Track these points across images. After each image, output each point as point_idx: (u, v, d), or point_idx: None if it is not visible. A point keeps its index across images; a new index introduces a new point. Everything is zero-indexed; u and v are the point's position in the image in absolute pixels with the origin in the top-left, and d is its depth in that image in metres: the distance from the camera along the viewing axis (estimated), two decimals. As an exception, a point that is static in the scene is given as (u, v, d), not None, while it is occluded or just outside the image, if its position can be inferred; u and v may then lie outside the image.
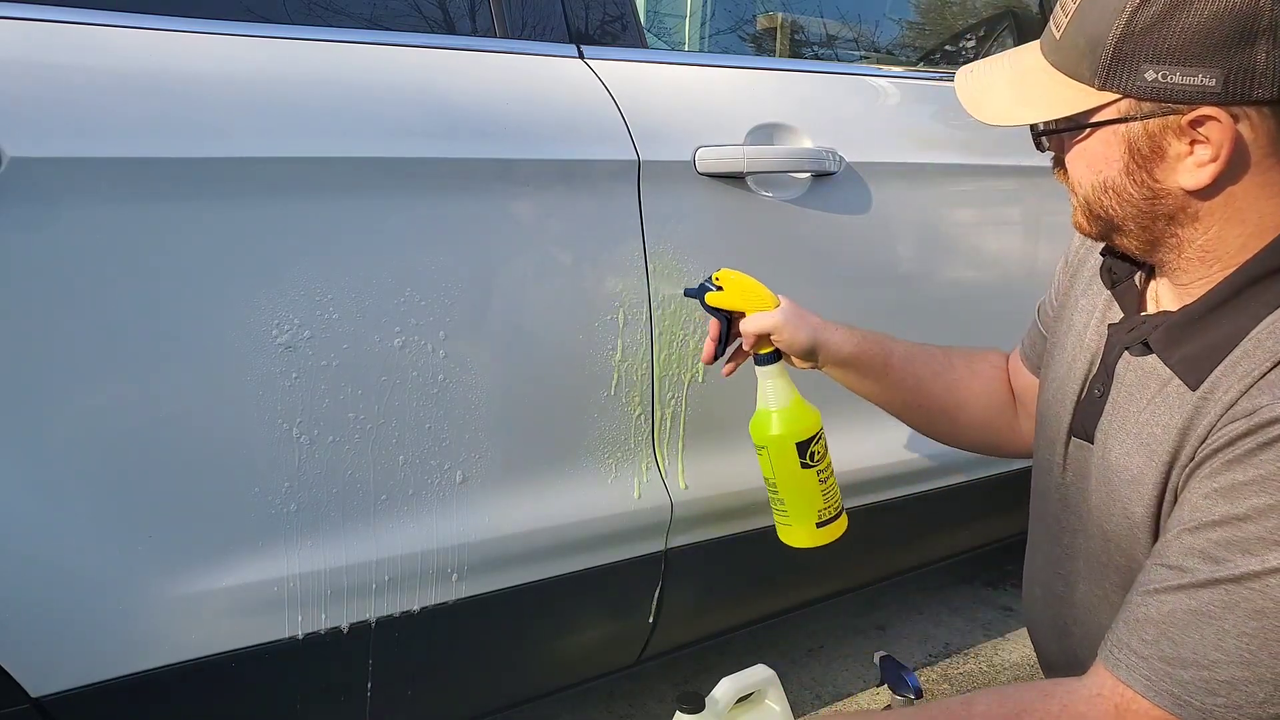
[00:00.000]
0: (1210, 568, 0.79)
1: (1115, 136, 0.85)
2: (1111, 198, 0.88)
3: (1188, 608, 0.80)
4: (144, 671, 1.11)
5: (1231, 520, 0.79)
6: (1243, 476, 0.79)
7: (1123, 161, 0.85)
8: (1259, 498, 0.77)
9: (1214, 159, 0.81)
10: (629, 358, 1.37)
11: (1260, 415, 0.79)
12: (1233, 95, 0.78)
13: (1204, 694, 0.79)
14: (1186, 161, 0.82)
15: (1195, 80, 0.78)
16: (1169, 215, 0.86)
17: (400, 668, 1.30)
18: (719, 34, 1.90)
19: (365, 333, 1.17)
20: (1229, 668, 0.78)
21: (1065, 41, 0.85)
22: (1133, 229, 0.89)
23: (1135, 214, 0.88)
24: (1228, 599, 0.78)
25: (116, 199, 1.03)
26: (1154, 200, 0.86)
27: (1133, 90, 0.81)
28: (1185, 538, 0.82)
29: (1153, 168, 0.84)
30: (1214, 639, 0.78)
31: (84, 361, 1.03)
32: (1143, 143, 0.83)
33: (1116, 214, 0.89)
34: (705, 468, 1.48)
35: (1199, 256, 0.87)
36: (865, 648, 2.19)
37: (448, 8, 1.34)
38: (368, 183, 1.16)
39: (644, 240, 1.36)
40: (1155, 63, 0.79)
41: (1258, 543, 0.77)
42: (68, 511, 1.05)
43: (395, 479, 1.22)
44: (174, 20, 1.11)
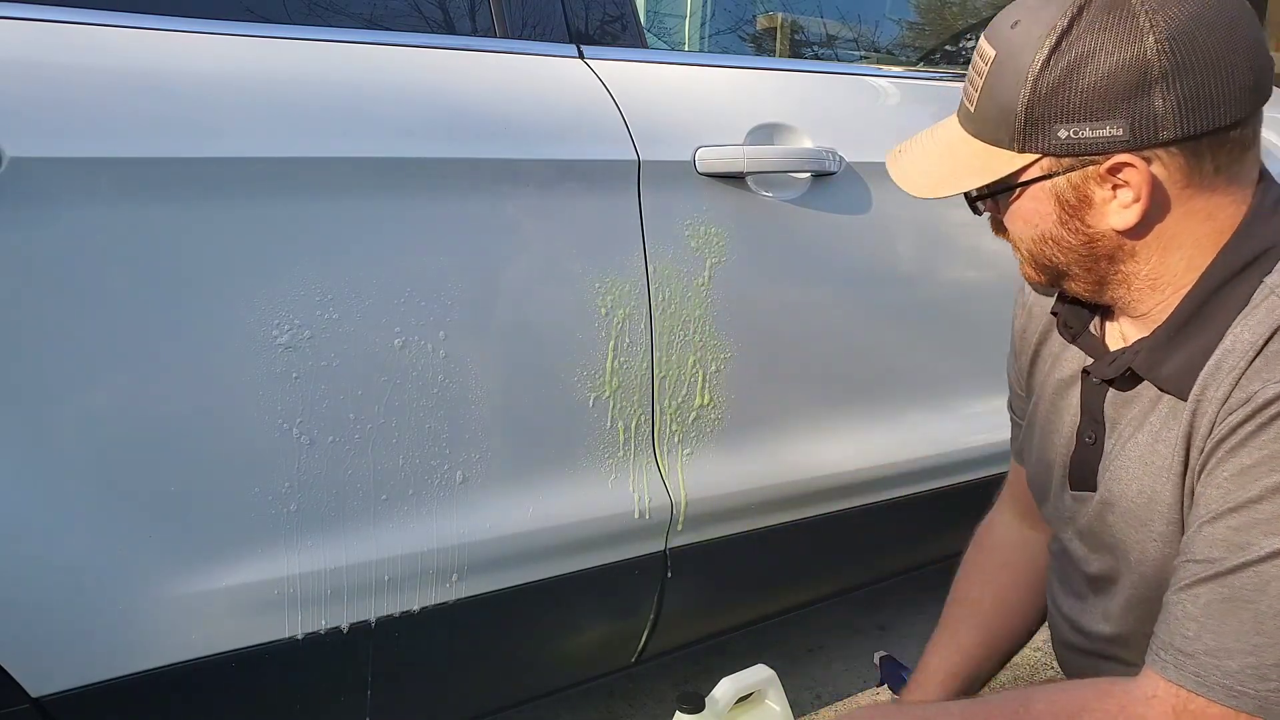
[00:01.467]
0: (1236, 554, 0.81)
1: (1043, 192, 0.90)
2: (1052, 247, 0.93)
3: (1221, 597, 0.81)
4: (144, 671, 1.11)
5: (1247, 504, 0.81)
6: (1249, 460, 0.81)
7: (1055, 214, 0.90)
8: (1270, 477, 0.80)
9: (1136, 199, 0.86)
10: (629, 357, 1.37)
11: (1255, 400, 0.81)
12: (1141, 140, 0.83)
13: (1256, 680, 0.79)
14: (1112, 205, 0.87)
15: (1105, 132, 0.84)
16: (1108, 255, 0.91)
17: (400, 668, 1.30)
18: (719, 34, 1.90)
19: (365, 333, 1.17)
20: (1273, 649, 0.79)
21: (979, 113, 0.91)
22: (1079, 273, 0.94)
23: (1078, 259, 0.93)
24: (1258, 581, 0.80)
25: (116, 199, 1.03)
26: (1091, 244, 0.91)
27: (1050, 149, 0.87)
28: (1206, 529, 0.84)
29: (1083, 215, 0.89)
30: (1253, 623, 0.79)
31: (84, 361, 1.03)
32: (1069, 195, 0.89)
33: (1061, 261, 0.94)
34: (706, 468, 1.48)
35: (1148, 285, 0.92)
36: (865, 648, 2.19)
37: (448, 8, 1.34)
38: (368, 183, 1.16)
39: (644, 240, 1.36)
40: (1065, 121, 0.85)
41: (1276, 520, 0.79)
42: (68, 511, 1.05)
43: (395, 479, 1.22)
44: (174, 20, 1.12)
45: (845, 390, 1.65)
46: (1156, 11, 0.81)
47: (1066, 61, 0.83)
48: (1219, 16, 0.82)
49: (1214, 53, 0.81)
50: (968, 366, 1.78)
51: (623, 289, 1.34)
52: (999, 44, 0.88)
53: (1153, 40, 0.81)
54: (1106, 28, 0.82)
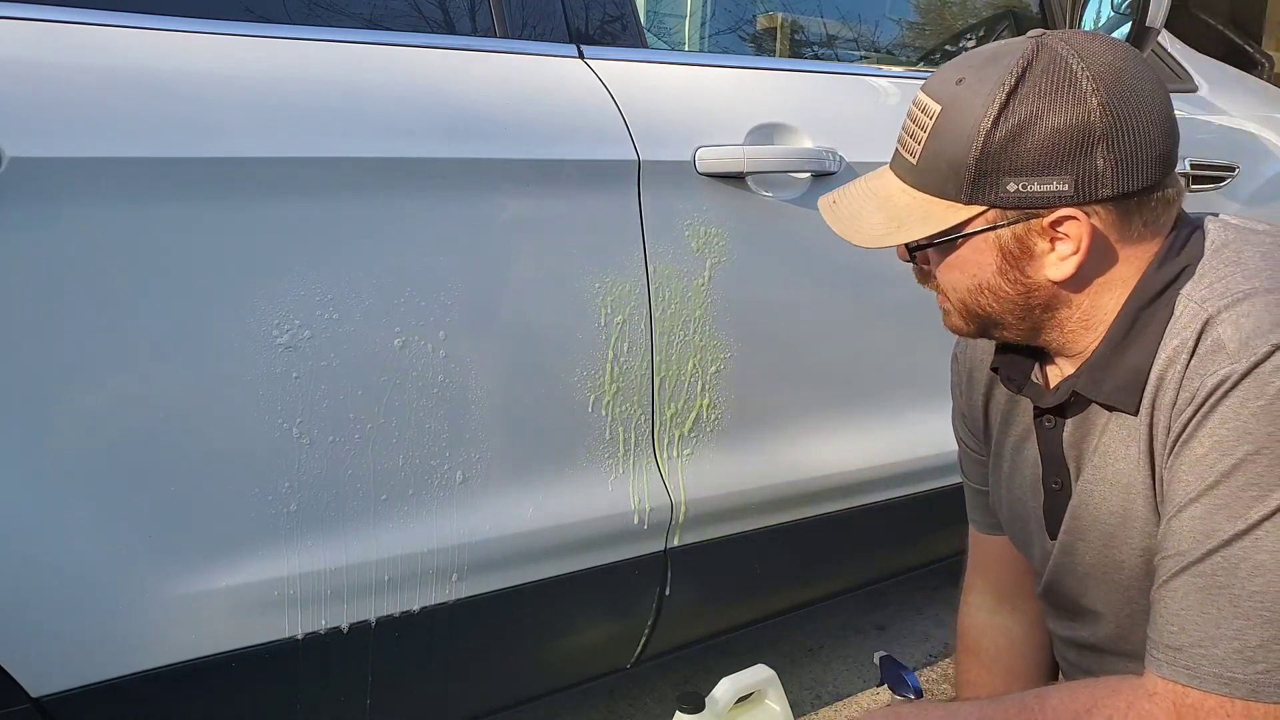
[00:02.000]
0: (1203, 542, 0.83)
1: (986, 243, 0.93)
2: (989, 297, 0.96)
3: (1197, 587, 0.83)
4: (144, 671, 1.11)
5: (1206, 491, 0.83)
6: (1201, 449, 0.84)
7: (995, 264, 0.93)
8: (1222, 462, 0.82)
9: (1075, 251, 0.90)
10: (629, 358, 1.37)
11: (1199, 394, 0.85)
12: (1083, 196, 0.88)
13: (1244, 665, 0.80)
14: (1050, 257, 0.91)
15: (1051, 187, 0.88)
16: (1043, 304, 0.95)
17: (400, 668, 1.30)
18: (719, 34, 1.90)
19: (365, 333, 1.17)
20: (1254, 630, 0.80)
21: (922, 165, 0.93)
22: (1011, 321, 0.97)
23: (1012, 308, 0.96)
24: (1227, 564, 0.81)
25: (116, 199, 1.03)
26: (1028, 294, 0.94)
27: (997, 201, 0.90)
28: (1174, 524, 0.86)
29: (1023, 266, 0.92)
30: (1230, 607, 0.81)
31: (84, 362, 1.03)
32: (1012, 245, 0.92)
33: (994, 310, 0.97)
34: (706, 468, 1.48)
35: (1081, 326, 0.95)
36: (865, 648, 2.19)
37: (448, 8, 1.34)
38: (367, 183, 1.16)
39: (644, 240, 1.36)
40: (1014, 175, 0.88)
41: (1235, 502, 0.81)
42: (68, 512, 1.05)
43: (395, 479, 1.22)
44: (174, 20, 1.11)
45: (845, 390, 1.65)
46: (1097, 78, 0.86)
47: (1017, 118, 0.87)
48: (1145, 86, 0.88)
49: (1144, 118, 0.87)
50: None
51: (623, 289, 1.34)
52: (944, 99, 0.91)
53: (1095, 103, 0.86)
54: (1054, 89, 0.87)
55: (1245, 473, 0.81)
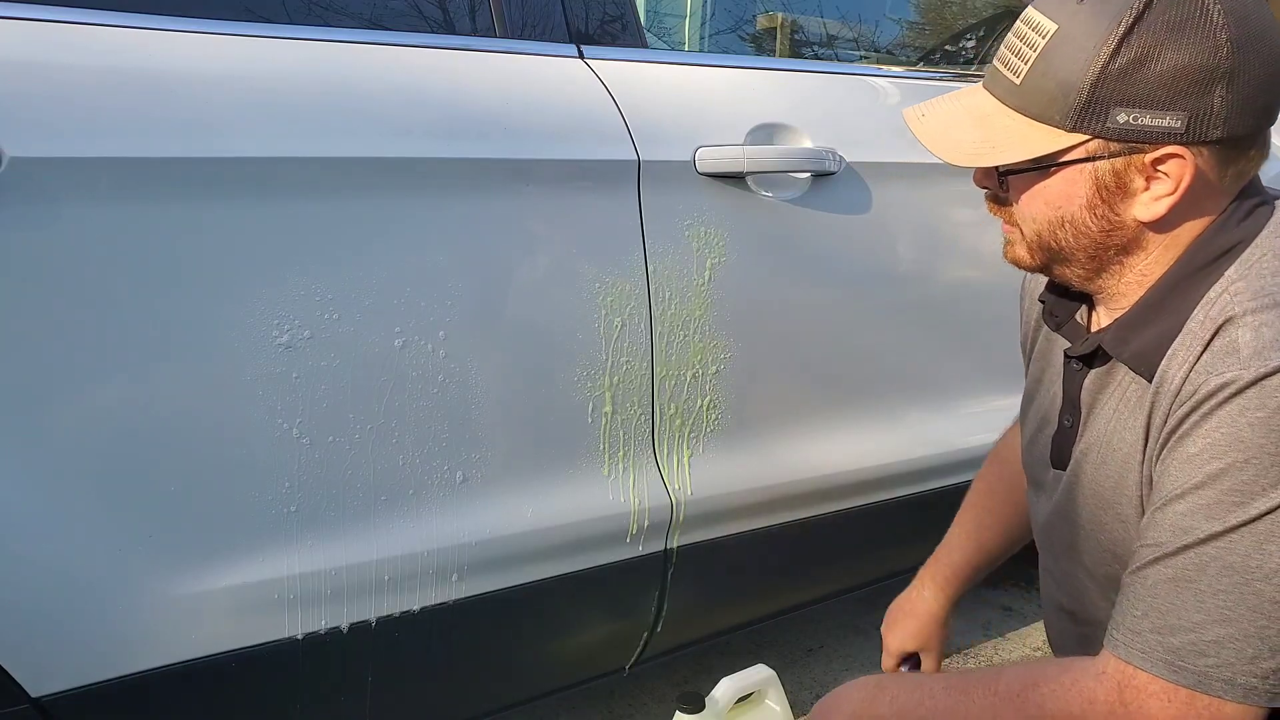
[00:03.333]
0: (1179, 537, 0.85)
1: (1080, 175, 0.90)
2: (1068, 231, 0.93)
3: (1166, 577, 0.85)
4: (144, 671, 1.11)
5: (1191, 490, 0.85)
6: (1194, 449, 0.85)
7: (1086, 198, 0.91)
8: (1211, 464, 0.83)
9: (1171, 193, 0.88)
10: (630, 358, 1.37)
11: (1199, 392, 0.85)
12: (1194, 135, 0.85)
13: (1195, 656, 0.83)
14: (1144, 196, 0.89)
15: (1163, 122, 0.85)
16: (1120, 246, 0.93)
17: (400, 668, 1.30)
18: (719, 34, 1.90)
19: (365, 333, 1.17)
20: (1213, 627, 0.82)
21: (1028, 86, 0.90)
22: (1081, 259, 0.95)
23: (1089, 245, 0.94)
24: (1199, 561, 0.84)
25: (116, 199, 1.03)
26: (1110, 232, 0.92)
27: (1103, 132, 0.87)
28: (1156, 515, 0.88)
29: (1115, 202, 0.90)
30: (1194, 601, 0.83)
31: (84, 362, 1.03)
32: (1108, 179, 0.89)
33: (1069, 246, 0.94)
34: (707, 468, 1.48)
35: (1137, 280, 0.95)
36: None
37: (448, 8, 1.34)
38: (367, 183, 1.16)
39: (644, 240, 1.36)
40: (1126, 106, 0.85)
41: (1216, 505, 0.83)
42: (68, 512, 1.05)
43: (395, 479, 1.22)
44: (174, 20, 1.11)
45: (845, 390, 1.65)
46: (1229, 13, 0.83)
47: (1141, 47, 0.84)
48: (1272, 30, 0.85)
49: (1265, 61, 0.85)
50: (967, 366, 1.78)
51: (623, 289, 1.34)
52: (1061, 19, 0.87)
53: (1225, 39, 0.83)
54: (1184, 20, 0.83)
55: (1231, 478, 0.82)
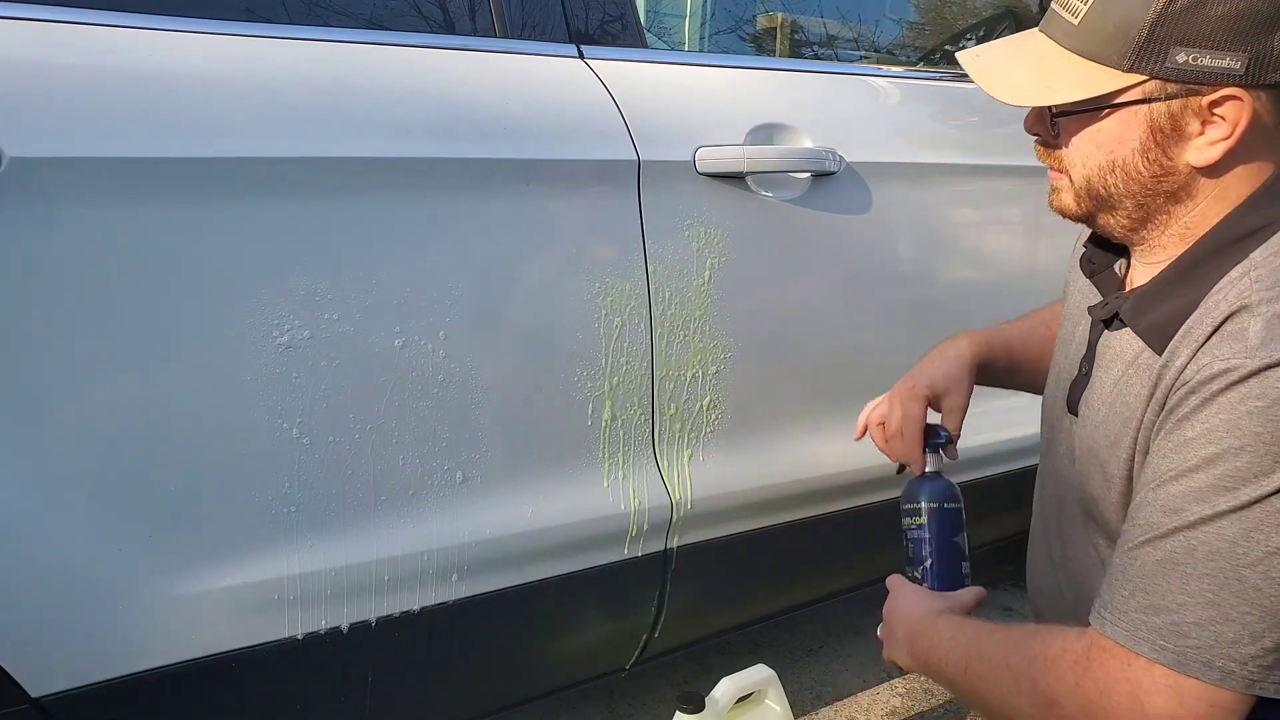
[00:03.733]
0: (1171, 518, 0.85)
1: (1136, 117, 0.89)
2: (1118, 176, 0.93)
3: (1155, 559, 0.86)
4: (144, 671, 1.11)
5: (1185, 473, 0.85)
6: (1192, 433, 0.85)
7: (1139, 140, 0.90)
8: (1206, 449, 0.84)
9: (1226, 137, 0.87)
10: (630, 358, 1.37)
11: (1202, 374, 0.85)
12: (1253, 78, 0.84)
13: (1176, 637, 0.84)
14: (1198, 140, 0.88)
15: (1223, 63, 0.84)
16: (1170, 193, 0.92)
17: (400, 668, 1.30)
18: (719, 34, 1.90)
19: (365, 333, 1.17)
20: (1196, 609, 0.83)
21: (1086, 26, 0.89)
22: (1129, 207, 0.94)
23: (1138, 191, 0.93)
24: (1187, 544, 0.84)
25: (117, 199, 1.03)
26: (1161, 178, 0.91)
27: (1161, 72, 0.86)
28: (1149, 495, 0.88)
29: (1169, 146, 0.89)
30: (1179, 584, 0.84)
31: (84, 362, 1.03)
32: (1164, 121, 0.88)
33: (1117, 192, 0.94)
34: (707, 468, 1.48)
35: (1180, 234, 0.94)
36: (865, 648, 2.19)
37: (448, 8, 1.34)
38: (367, 183, 1.16)
39: (644, 240, 1.36)
40: (1186, 46, 0.84)
41: (1208, 490, 0.83)
42: (68, 512, 1.05)
43: (395, 479, 1.22)
44: (174, 20, 1.11)
45: (845, 390, 1.64)
46: None
47: None
48: None
49: None
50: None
51: (623, 289, 1.34)
52: None
53: None
54: None
55: (1225, 464, 0.83)
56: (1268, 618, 0.81)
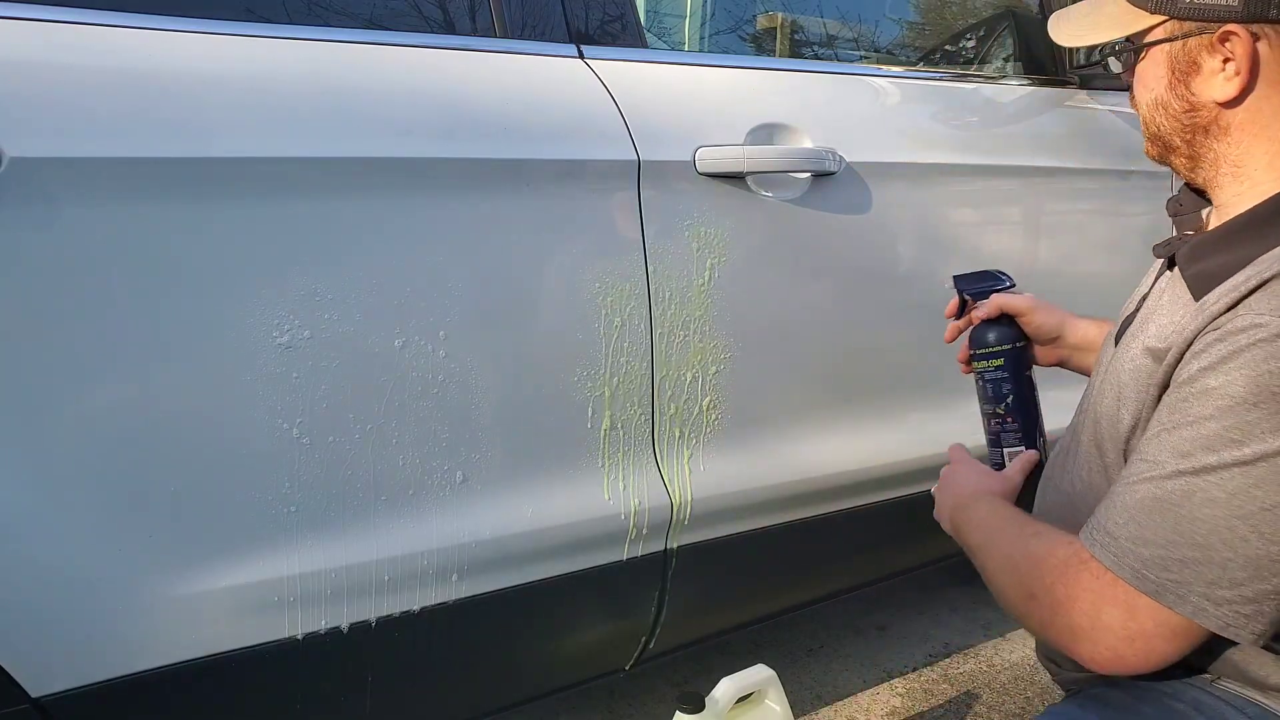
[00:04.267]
0: (1176, 460, 0.88)
1: (1162, 55, 0.98)
2: (1161, 113, 1.00)
3: (1154, 495, 0.89)
4: (144, 671, 1.11)
5: (1199, 420, 0.88)
6: (1214, 382, 0.88)
7: (1167, 78, 0.98)
8: (1222, 400, 0.86)
9: (1239, 73, 0.93)
10: (630, 358, 1.37)
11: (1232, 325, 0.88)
12: (1252, 13, 0.91)
13: (1159, 569, 0.88)
14: (1218, 76, 0.94)
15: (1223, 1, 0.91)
16: (1204, 128, 0.98)
17: (400, 668, 1.30)
18: (719, 34, 1.90)
19: (365, 333, 1.17)
20: (1183, 548, 0.87)
21: None
22: (1179, 144, 1.01)
23: (1179, 128, 0.99)
24: (1187, 488, 0.87)
25: (117, 199, 1.03)
26: (1192, 113, 0.98)
27: (1174, 11, 0.95)
28: (1163, 436, 0.91)
29: (1190, 81, 0.96)
30: (1172, 524, 0.88)
31: (84, 362, 1.03)
32: (1181, 59, 0.96)
33: (1165, 129, 1.01)
34: (707, 468, 1.48)
35: (1232, 172, 0.98)
36: (865, 648, 2.19)
37: (448, 8, 1.34)
38: (367, 183, 1.16)
39: (644, 240, 1.36)
40: None
41: (1217, 439, 0.86)
42: (68, 512, 1.05)
43: (395, 479, 1.22)
44: (174, 20, 1.12)
45: (846, 390, 1.65)
46: None
47: None
48: None
49: None
50: (968, 366, 1.78)
51: (623, 289, 1.34)
52: None
53: None
54: None
55: (1236, 417, 0.85)
56: (1249, 567, 0.85)
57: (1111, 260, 2.00)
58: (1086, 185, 1.97)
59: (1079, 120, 1.98)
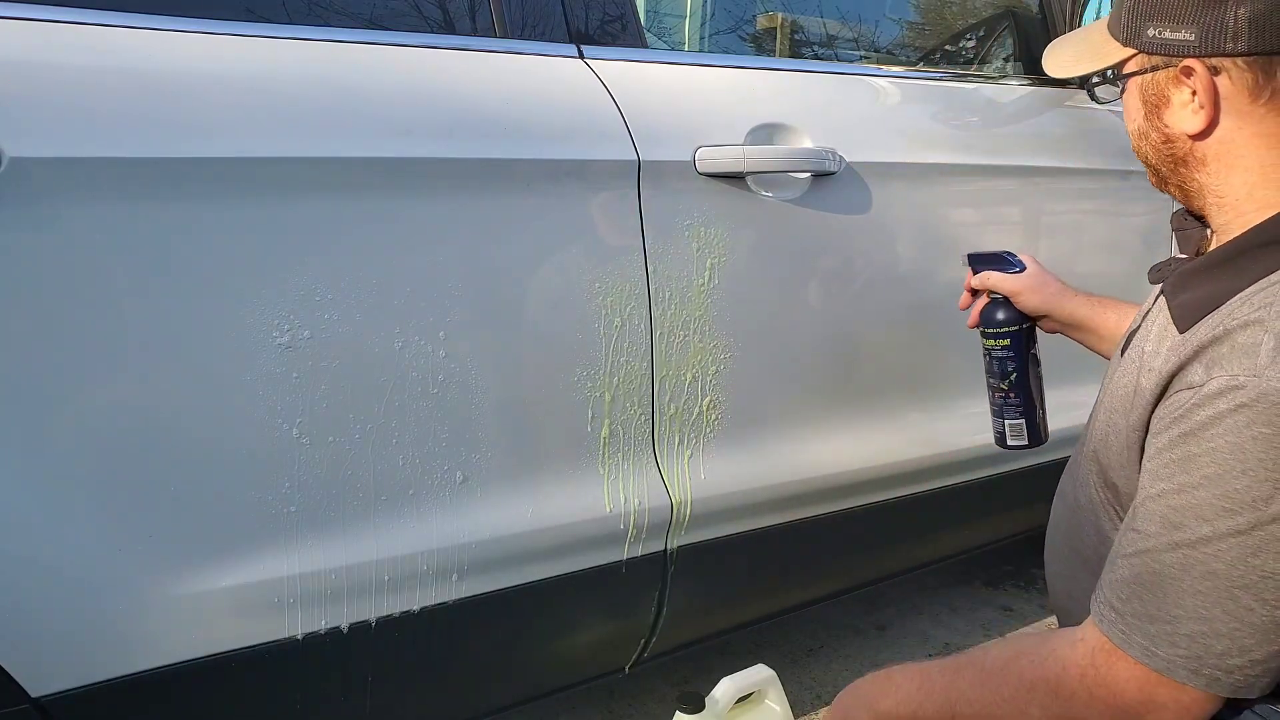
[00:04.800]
0: (1170, 532, 0.88)
1: (1138, 87, 1.00)
2: (1144, 143, 1.02)
3: (1153, 570, 0.89)
4: (144, 671, 1.11)
5: (1187, 488, 0.87)
6: (1196, 449, 0.87)
7: (1143, 110, 1.00)
8: (1209, 468, 0.86)
9: (1203, 105, 0.94)
10: (630, 358, 1.37)
11: (1210, 386, 0.87)
12: (1209, 48, 0.91)
13: (1167, 645, 0.87)
14: (1186, 109, 0.95)
15: (1180, 35, 0.92)
16: (1183, 159, 0.99)
17: (400, 668, 1.30)
18: (719, 34, 1.90)
19: (365, 333, 1.17)
20: (1188, 623, 0.86)
21: (1113, 5, 1.01)
22: (1165, 173, 1.02)
23: (1160, 158, 1.01)
24: (1185, 561, 0.87)
25: (116, 199, 1.03)
26: (1169, 144, 0.99)
27: (1141, 46, 0.97)
28: (1150, 504, 0.90)
29: (1162, 113, 0.98)
30: (1175, 597, 0.87)
31: (84, 362, 1.03)
32: (1151, 91, 0.98)
33: (1150, 159, 1.02)
34: (706, 468, 1.48)
35: (1216, 203, 0.98)
36: (865, 648, 2.19)
37: (448, 8, 1.34)
38: (367, 183, 1.16)
39: (644, 240, 1.36)
40: (1154, 21, 0.94)
41: (1209, 508, 0.85)
42: (68, 512, 1.05)
43: (395, 479, 1.22)
44: (174, 20, 1.12)
45: (846, 390, 1.65)
46: None
47: None
48: None
49: None
50: (968, 366, 1.77)
51: (623, 289, 1.34)
52: None
53: None
54: None
55: (1226, 485, 0.84)
56: (1257, 634, 0.84)
57: (1111, 260, 2.01)
58: (1086, 185, 1.97)
59: (1079, 120, 1.98)
